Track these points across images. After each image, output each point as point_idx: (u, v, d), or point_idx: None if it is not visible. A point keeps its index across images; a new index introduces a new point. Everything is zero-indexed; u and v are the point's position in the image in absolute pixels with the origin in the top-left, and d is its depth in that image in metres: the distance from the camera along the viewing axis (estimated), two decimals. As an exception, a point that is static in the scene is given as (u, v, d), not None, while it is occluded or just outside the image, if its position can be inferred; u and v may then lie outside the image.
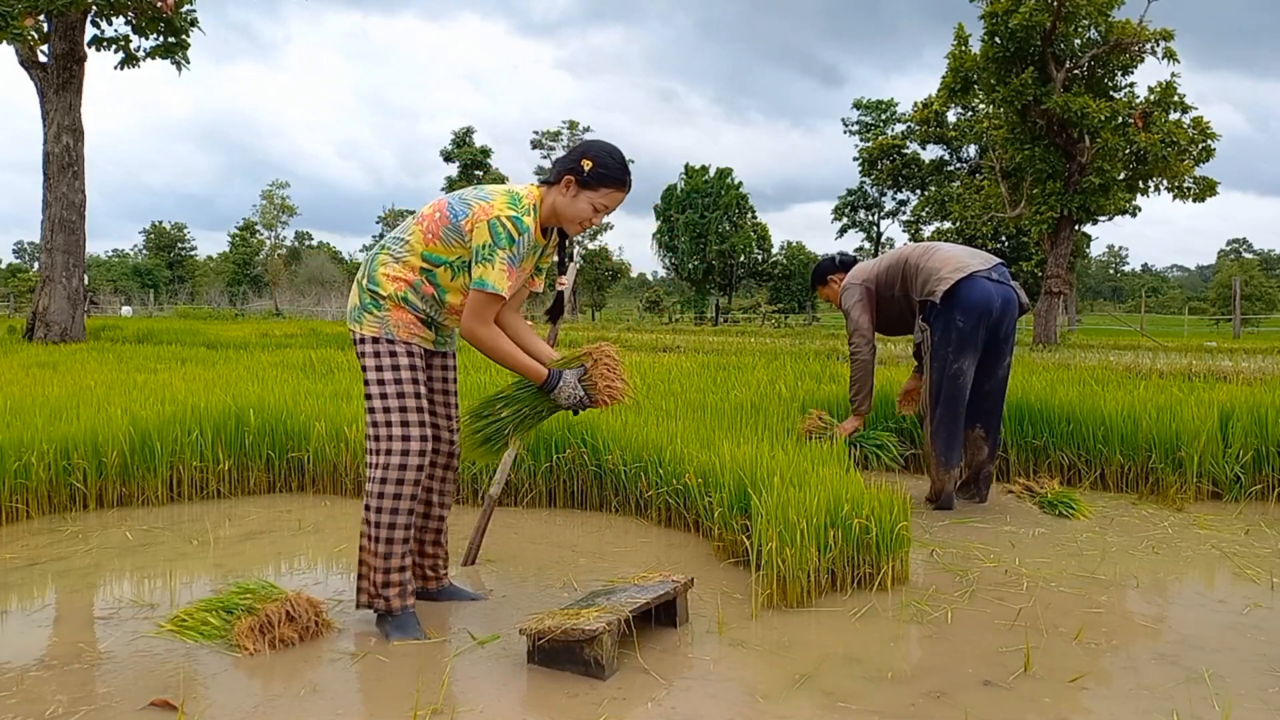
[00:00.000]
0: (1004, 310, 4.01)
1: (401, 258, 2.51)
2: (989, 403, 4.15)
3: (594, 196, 2.50)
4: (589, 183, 2.48)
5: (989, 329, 3.99)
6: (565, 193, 2.50)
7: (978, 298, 3.95)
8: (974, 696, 2.13)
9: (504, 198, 2.46)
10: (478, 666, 2.30)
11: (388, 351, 2.48)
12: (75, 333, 13.50)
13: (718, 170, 48.77)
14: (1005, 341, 4.07)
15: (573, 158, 2.50)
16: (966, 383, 4.01)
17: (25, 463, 3.85)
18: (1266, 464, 4.31)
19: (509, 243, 2.41)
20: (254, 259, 63.37)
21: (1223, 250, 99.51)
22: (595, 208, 2.52)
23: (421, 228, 2.51)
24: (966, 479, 4.23)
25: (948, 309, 3.98)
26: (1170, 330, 32.02)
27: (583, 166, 2.47)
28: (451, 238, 2.47)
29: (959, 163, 39.04)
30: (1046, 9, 16.70)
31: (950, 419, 4.03)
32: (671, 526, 3.79)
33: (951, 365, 3.99)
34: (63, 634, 2.53)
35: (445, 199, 2.53)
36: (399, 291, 2.49)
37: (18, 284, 49.32)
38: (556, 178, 2.51)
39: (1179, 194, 17.82)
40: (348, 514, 4.01)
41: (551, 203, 2.52)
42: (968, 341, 3.96)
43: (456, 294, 2.53)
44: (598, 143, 2.54)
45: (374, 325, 2.50)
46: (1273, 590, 2.94)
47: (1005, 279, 4.09)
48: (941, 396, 4.03)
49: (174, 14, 13.67)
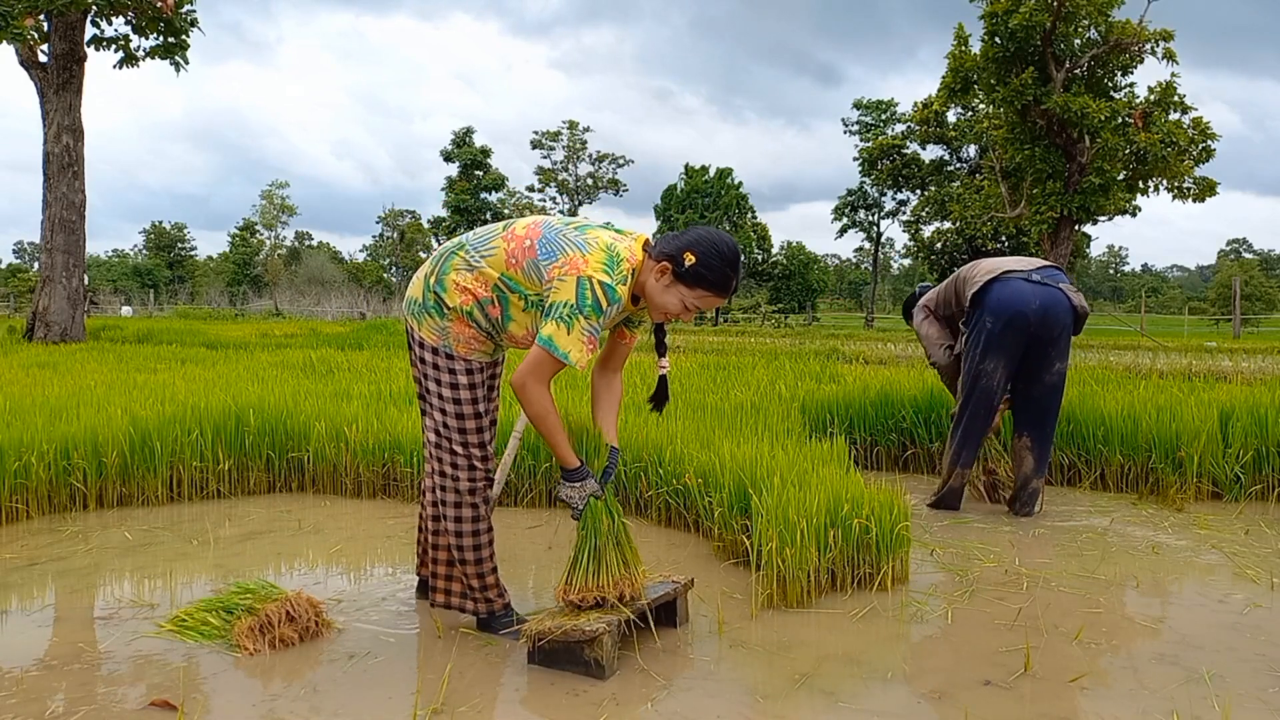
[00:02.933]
0: (1044, 311, 3.79)
1: (478, 268, 2.31)
2: (1035, 411, 3.98)
3: (687, 294, 2.26)
4: (685, 278, 2.24)
5: (1026, 331, 3.82)
6: (660, 279, 2.26)
7: (1007, 298, 3.83)
8: (974, 696, 2.13)
9: (602, 254, 2.21)
10: (478, 666, 2.30)
11: (447, 368, 2.38)
12: (75, 333, 13.50)
13: (718, 170, 48.78)
14: (1052, 345, 3.85)
15: (679, 245, 2.25)
16: (992, 385, 3.91)
17: (25, 463, 3.85)
18: (1266, 464, 4.31)
19: (595, 312, 2.16)
20: (254, 259, 63.36)
21: (1223, 250, 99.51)
22: (686, 305, 2.27)
23: (507, 247, 2.29)
24: (1014, 492, 4.05)
25: (977, 311, 3.93)
26: (1170, 330, 32.02)
27: (684, 259, 2.22)
28: (533, 274, 2.26)
29: (959, 163, 39.01)
30: (1046, 9, 16.72)
31: (970, 419, 3.98)
32: (671, 526, 3.78)
33: (977, 365, 3.91)
34: (63, 634, 2.53)
35: (542, 226, 2.31)
36: (465, 305, 2.32)
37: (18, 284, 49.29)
38: (656, 258, 2.27)
39: (1179, 194, 17.84)
40: (348, 514, 4.01)
41: (644, 280, 2.29)
42: (995, 343, 3.85)
43: (522, 326, 2.34)
44: (709, 236, 2.27)
45: (434, 333, 2.38)
46: (1273, 590, 2.94)
47: (1052, 280, 3.88)
48: (963, 396, 4.00)
49: (174, 14, 13.67)
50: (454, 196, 49.02)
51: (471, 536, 2.45)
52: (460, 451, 2.41)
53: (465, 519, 2.44)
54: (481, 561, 2.48)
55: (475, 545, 2.46)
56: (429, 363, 2.41)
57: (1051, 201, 17.62)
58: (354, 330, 16.30)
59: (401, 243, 60.73)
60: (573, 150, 53.06)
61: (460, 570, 2.49)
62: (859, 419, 5.20)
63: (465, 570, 2.48)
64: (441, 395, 2.41)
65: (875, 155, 41.45)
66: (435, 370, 2.41)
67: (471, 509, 2.44)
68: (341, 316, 38.49)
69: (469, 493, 2.43)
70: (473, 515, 2.45)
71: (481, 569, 2.48)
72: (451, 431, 2.41)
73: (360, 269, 61.99)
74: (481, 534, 2.47)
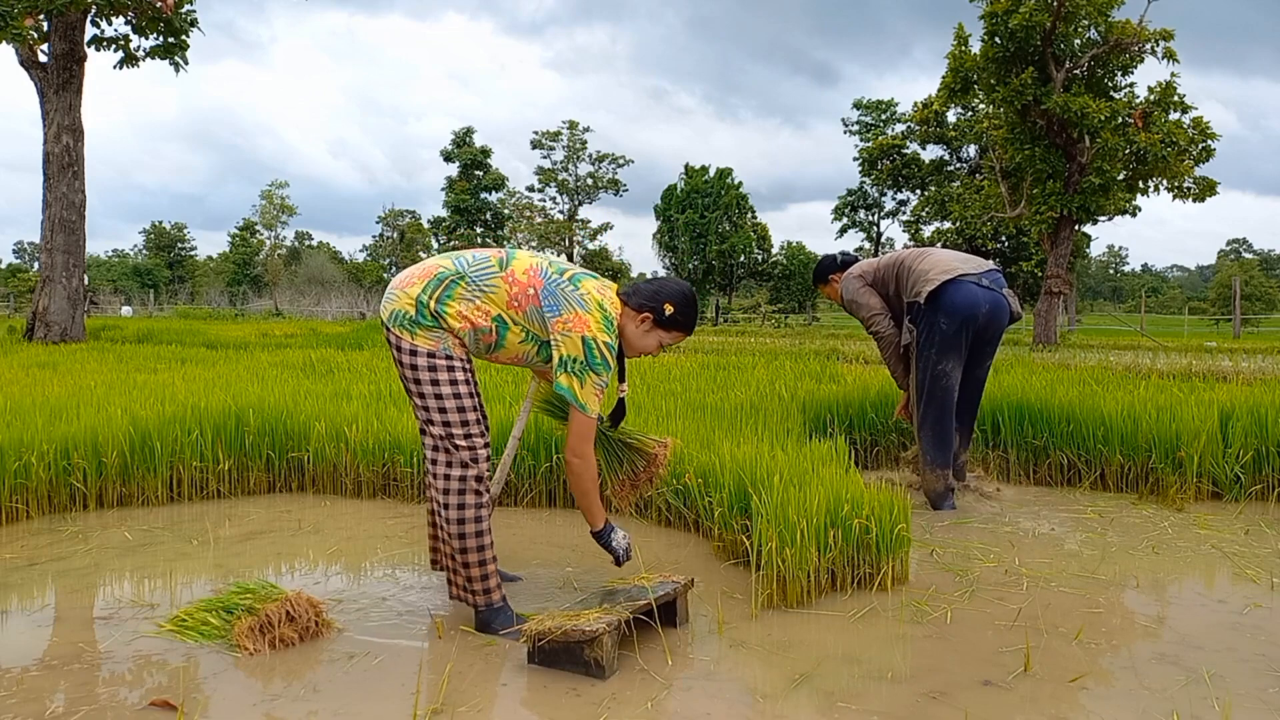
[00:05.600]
0: (991, 316, 4.04)
1: (478, 301, 2.51)
2: (964, 402, 4.24)
3: (664, 336, 2.70)
4: (664, 324, 2.66)
5: (974, 333, 4.04)
6: (640, 326, 2.65)
7: (961, 301, 3.99)
8: (974, 696, 2.13)
9: (598, 315, 2.52)
10: (478, 667, 2.30)
11: (445, 367, 2.49)
12: (75, 333, 13.50)
13: (718, 170, 48.79)
14: (989, 345, 4.16)
15: (658, 298, 2.65)
16: (952, 384, 4.07)
17: (25, 463, 3.85)
18: (1266, 464, 4.31)
19: (603, 368, 2.51)
20: (254, 259, 63.36)
21: (1222, 250, 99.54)
22: (661, 344, 2.71)
23: (509, 290, 2.52)
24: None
25: (932, 311, 4.04)
26: (1170, 330, 32.01)
27: (664, 309, 2.64)
28: (535, 319, 2.53)
29: (959, 163, 39.03)
30: (1046, 9, 16.70)
31: (937, 418, 4.08)
32: (671, 526, 3.79)
33: (935, 366, 4.05)
34: (63, 634, 2.53)
35: (541, 274, 2.55)
36: (462, 330, 2.51)
37: (18, 284, 49.30)
38: (637, 308, 2.64)
39: (1179, 194, 17.81)
40: (348, 514, 4.02)
41: (624, 326, 2.65)
42: (950, 344, 4.02)
43: (514, 352, 2.59)
44: (680, 290, 2.69)
45: (430, 339, 2.49)
46: (1273, 590, 2.94)
47: (997, 286, 4.11)
48: (925, 397, 4.10)
49: (174, 14, 13.67)
50: (454, 196, 49.04)
51: (475, 524, 2.51)
52: (464, 444, 2.49)
53: (469, 506, 2.50)
54: (484, 549, 2.53)
55: (478, 532, 2.52)
56: (424, 367, 2.48)
57: (1051, 201, 17.61)
58: (354, 330, 16.32)
59: (401, 243, 60.72)
60: (573, 150, 53.05)
61: (462, 559, 2.53)
62: (859, 419, 5.20)
63: (468, 559, 2.52)
64: (440, 395, 2.48)
65: (875, 155, 41.47)
66: (432, 372, 2.48)
67: (475, 495, 2.51)
68: (341, 316, 38.52)
69: (475, 479, 2.50)
70: (475, 503, 2.51)
71: (483, 555, 2.53)
72: (453, 428, 2.49)
73: (360, 269, 61.99)
74: (484, 521, 2.53)
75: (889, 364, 4.44)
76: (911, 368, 4.23)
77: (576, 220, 53.40)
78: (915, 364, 4.15)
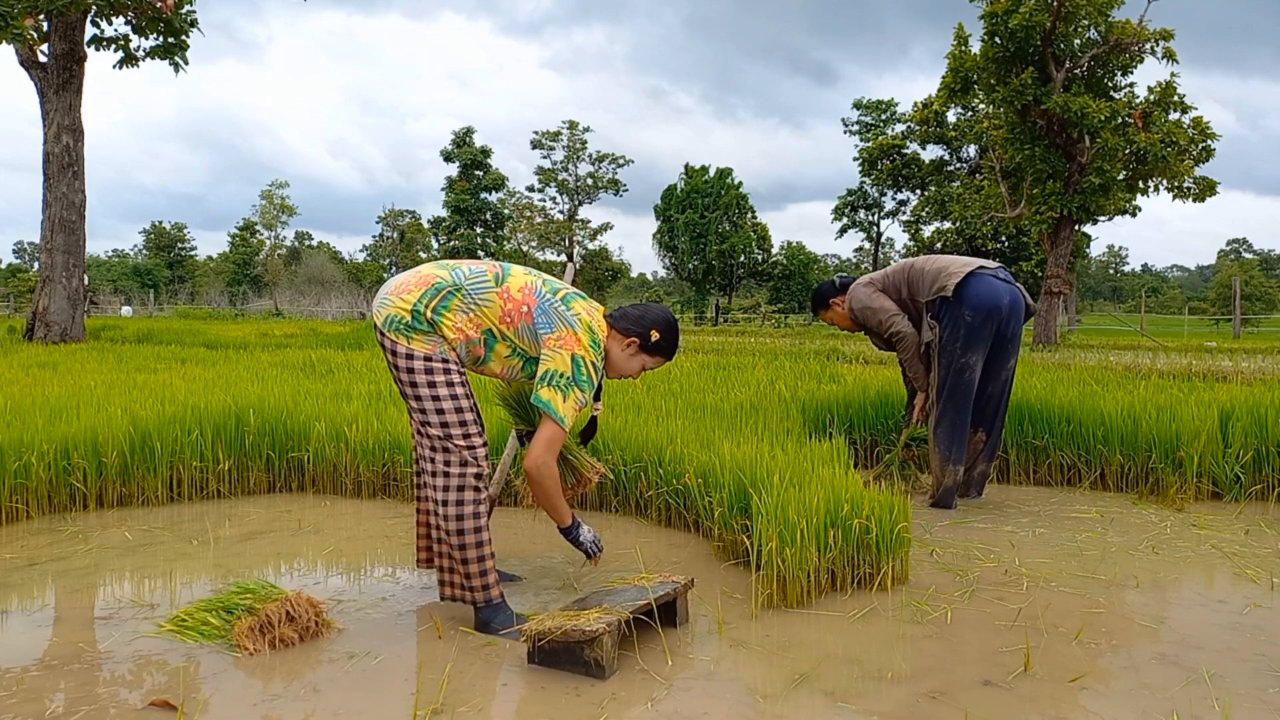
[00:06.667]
0: (1012, 309, 4.06)
1: (472, 314, 2.56)
2: (991, 406, 4.20)
3: (648, 360, 2.79)
4: (649, 349, 2.76)
5: (997, 326, 4.03)
6: (626, 349, 2.74)
7: (986, 293, 4.01)
8: (974, 696, 2.13)
9: (587, 335, 2.60)
10: (478, 666, 2.30)
11: (441, 369, 2.52)
12: (75, 333, 13.50)
13: (718, 170, 48.76)
14: (1011, 341, 4.12)
15: (644, 325, 2.74)
16: (973, 379, 4.05)
17: (25, 463, 3.85)
18: (1266, 464, 4.31)
19: (588, 385, 2.58)
20: (254, 259, 63.35)
21: (1222, 250, 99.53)
22: (643, 367, 2.81)
23: (503, 305, 2.58)
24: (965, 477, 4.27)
25: (957, 304, 4.03)
26: (1170, 330, 32.02)
27: (650, 335, 2.73)
28: (526, 336, 2.60)
29: (959, 163, 39.03)
30: (1046, 9, 16.71)
31: (955, 414, 4.06)
32: (671, 526, 3.78)
33: (959, 360, 4.03)
34: (63, 634, 2.53)
35: (535, 291, 2.61)
36: (457, 340, 2.56)
37: (18, 284, 49.32)
38: (624, 332, 2.72)
39: (1179, 194, 17.82)
40: (348, 514, 4.02)
41: (609, 348, 2.73)
42: (975, 337, 4.01)
43: (500, 366, 2.65)
44: (665, 317, 2.78)
45: (427, 343, 2.53)
46: (1273, 590, 2.94)
47: (1011, 280, 4.16)
48: (947, 392, 4.07)
49: (174, 14, 13.67)
50: (454, 196, 49.02)
51: (474, 520, 2.52)
52: (463, 444, 2.51)
53: (468, 503, 2.51)
54: (482, 546, 2.54)
55: (476, 529, 2.53)
56: (421, 370, 2.50)
57: (1051, 201, 17.61)
58: (354, 330, 16.30)
59: (401, 243, 60.73)
60: (573, 150, 53.04)
61: (461, 556, 2.54)
62: (859, 419, 5.20)
63: (466, 556, 2.52)
64: (438, 397, 2.50)
65: (875, 155, 41.47)
66: (429, 375, 2.50)
67: (474, 492, 2.52)
68: (341, 316, 38.52)
69: (474, 476, 2.52)
70: (474, 499, 2.52)
71: (482, 552, 2.54)
72: (452, 429, 2.51)
73: (360, 269, 61.99)
74: (482, 518, 2.54)
75: (907, 365, 4.35)
76: (932, 365, 4.20)
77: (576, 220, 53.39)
78: (937, 360, 4.13)
